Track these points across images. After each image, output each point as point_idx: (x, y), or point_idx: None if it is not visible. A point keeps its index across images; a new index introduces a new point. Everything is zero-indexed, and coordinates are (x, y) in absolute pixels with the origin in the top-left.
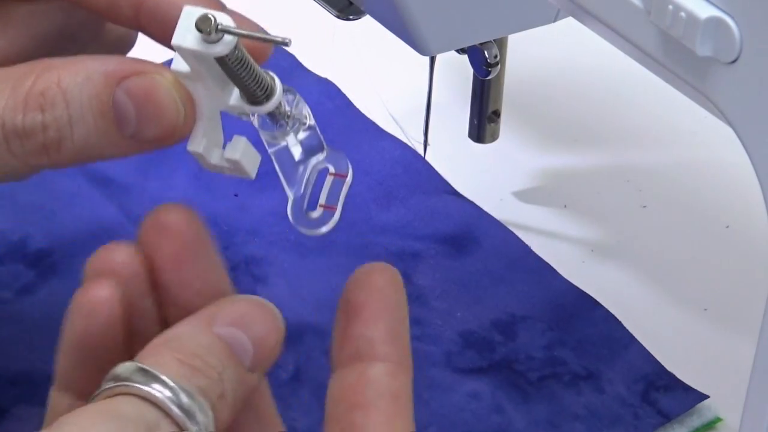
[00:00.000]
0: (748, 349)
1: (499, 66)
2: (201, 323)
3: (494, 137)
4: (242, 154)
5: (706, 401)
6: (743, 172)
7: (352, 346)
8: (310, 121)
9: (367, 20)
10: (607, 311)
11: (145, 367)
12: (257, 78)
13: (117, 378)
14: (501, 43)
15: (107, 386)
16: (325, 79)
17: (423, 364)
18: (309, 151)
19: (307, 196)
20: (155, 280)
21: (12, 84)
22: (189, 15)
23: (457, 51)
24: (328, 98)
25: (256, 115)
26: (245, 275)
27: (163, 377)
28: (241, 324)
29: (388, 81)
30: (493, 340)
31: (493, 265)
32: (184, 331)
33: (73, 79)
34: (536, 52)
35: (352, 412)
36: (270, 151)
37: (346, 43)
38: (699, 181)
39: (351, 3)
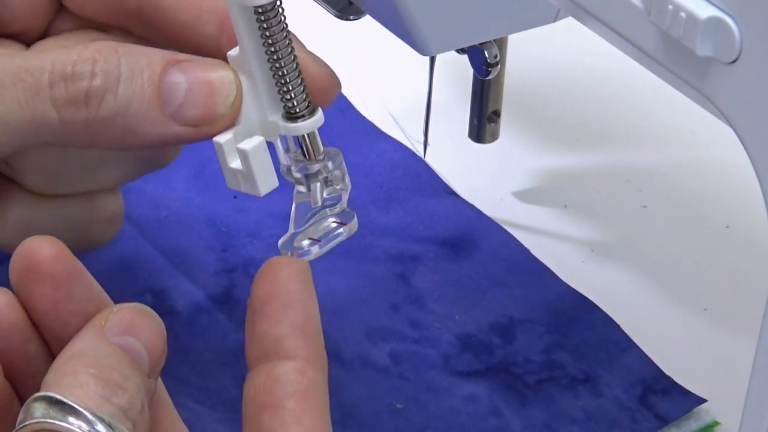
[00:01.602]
0: (747, 352)
1: (499, 66)
2: (95, 335)
3: (494, 137)
4: (253, 148)
5: (704, 405)
6: (743, 172)
7: (259, 345)
8: (344, 186)
9: (367, 20)
10: (606, 315)
11: (58, 397)
12: (299, 78)
13: (31, 416)
14: (501, 43)
15: (21, 427)
16: None
17: (420, 367)
18: (328, 204)
19: (305, 232)
20: (36, 321)
21: (70, 43)
22: None
23: (457, 51)
24: None
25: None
26: (244, 277)
27: (79, 407)
28: (131, 331)
29: (388, 81)
30: (491, 343)
31: (492, 268)
32: (83, 345)
33: (132, 49)
34: (536, 52)
35: (261, 413)
36: (296, 200)
37: (346, 43)
38: (699, 181)
39: (351, 3)
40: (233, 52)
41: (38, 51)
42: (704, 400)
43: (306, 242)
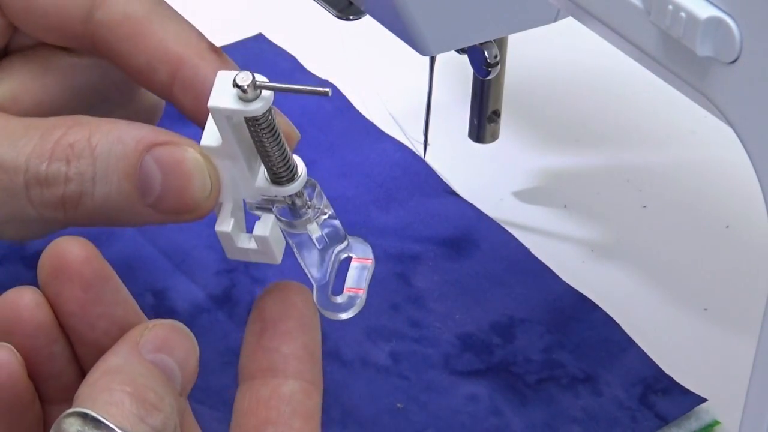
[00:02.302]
0: (747, 351)
1: (499, 66)
2: (131, 352)
3: (494, 137)
4: (271, 231)
5: (704, 404)
6: (743, 172)
7: (265, 359)
8: (330, 210)
9: (367, 20)
10: (606, 314)
11: (93, 414)
12: (285, 153)
13: (65, 431)
14: (501, 43)
15: None
16: (325, 81)
17: (421, 366)
18: (331, 240)
19: (332, 283)
20: (63, 322)
21: (41, 132)
22: (224, 78)
23: (457, 51)
24: (327, 100)
25: (275, 207)
26: (244, 277)
27: (114, 426)
28: (166, 349)
29: (388, 81)
30: (491, 342)
31: (492, 267)
32: (118, 361)
33: (105, 138)
34: (536, 52)
35: (264, 427)
36: (291, 241)
37: (346, 43)
38: (699, 181)
39: (351, 3)
40: (209, 143)
41: (9, 138)
42: (704, 400)
43: (345, 297)
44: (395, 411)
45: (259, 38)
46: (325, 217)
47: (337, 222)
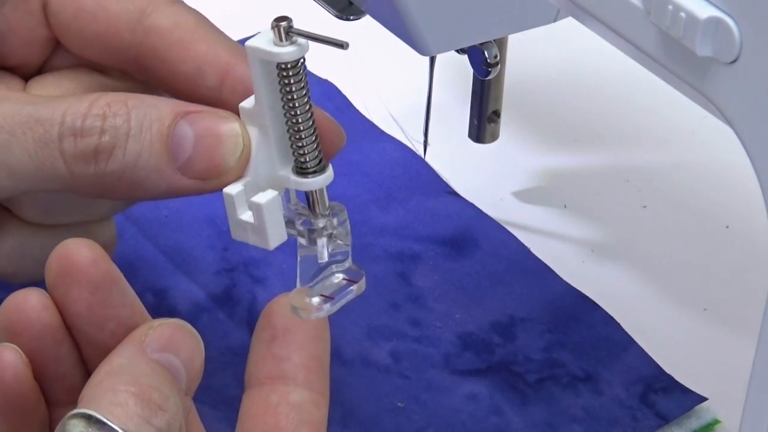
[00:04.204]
0: (747, 350)
1: (499, 66)
2: (135, 352)
3: (494, 137)
4: (268, 202)
5: (705, 403)
6: (743, 172)
7: (275, 367)
8: (347, 242)
9: (367, 20)
10: (606, 313)
11: (97, 416)
12: (314, 131)
13: None
14: (501, 43)
15: None
16: (325, 80)
17: (421, 365)
18: (334, 260)
19: (314, 288)
20: (69, 324)
21: (79, 95)
22: (267, 30)
23: (457, 51)
24: (328, 99)
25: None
26: (244, 276)
27: (118, 428)
28: (171, 348)
29: (388, 81)
30: (491, 341)
31: (492, 266)
32: (122, 361)
33: (141, 102)
34: (536, 52)
35: None
36: (300, 254)
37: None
38: (699, 181)
39: (351, 3)
40: (246, 104)
41: (47, 99)
42: (705, 399)
43: (317, 299)
44: (396, 410)
45: None
46: (339, 244)
47: (348, 253)
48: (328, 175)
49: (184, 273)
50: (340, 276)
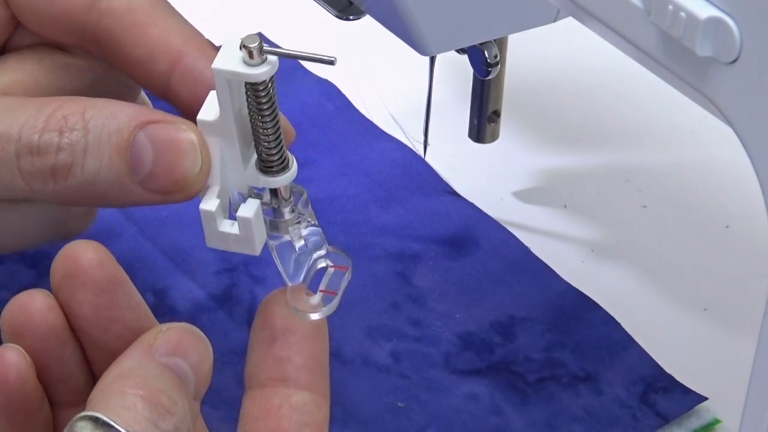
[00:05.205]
0: (747, 350)
1: (499, 66)
2: (144, 355)
3: (494, 137)
4: (255, 214)
5: (705, 403)
6: (743, 172)
7: (276, 368)
8: (313, 219)
9: (367, 20)
10: (606, 313)
11: (104, 419)
12: (279, 137)
13: None
14: (501, 43)
15: None
16: (325, 80)
17: (421, 365)
18: (310, 247)
19: (307, 284)
20: (74, 326)
21: (36, 106)
22: (231, 44)
23: (457, 51)
24: (327, 99)
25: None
26: (244, 276)
27: (123, 429)
28: (179, 352)
29: (388, 81)
30: (491, 341)
31: (493, 266)
32: (131, 365)
33: (99, 113)
34: (536, 52)
35: None
36: (271, 243)
37: (346, 43)
38: (699, 181)
39: (351, 3)
40: (206, 117)
41: (5, 110)
42: (705, 398)
43: (317, 298)
44: (396, 410)
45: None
46: (308, 224)
47: (319, 230)
48: (294, 169)
49: (184, 273)
50: (326, 263)
